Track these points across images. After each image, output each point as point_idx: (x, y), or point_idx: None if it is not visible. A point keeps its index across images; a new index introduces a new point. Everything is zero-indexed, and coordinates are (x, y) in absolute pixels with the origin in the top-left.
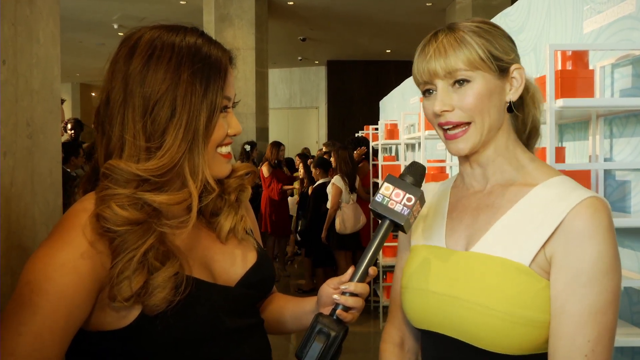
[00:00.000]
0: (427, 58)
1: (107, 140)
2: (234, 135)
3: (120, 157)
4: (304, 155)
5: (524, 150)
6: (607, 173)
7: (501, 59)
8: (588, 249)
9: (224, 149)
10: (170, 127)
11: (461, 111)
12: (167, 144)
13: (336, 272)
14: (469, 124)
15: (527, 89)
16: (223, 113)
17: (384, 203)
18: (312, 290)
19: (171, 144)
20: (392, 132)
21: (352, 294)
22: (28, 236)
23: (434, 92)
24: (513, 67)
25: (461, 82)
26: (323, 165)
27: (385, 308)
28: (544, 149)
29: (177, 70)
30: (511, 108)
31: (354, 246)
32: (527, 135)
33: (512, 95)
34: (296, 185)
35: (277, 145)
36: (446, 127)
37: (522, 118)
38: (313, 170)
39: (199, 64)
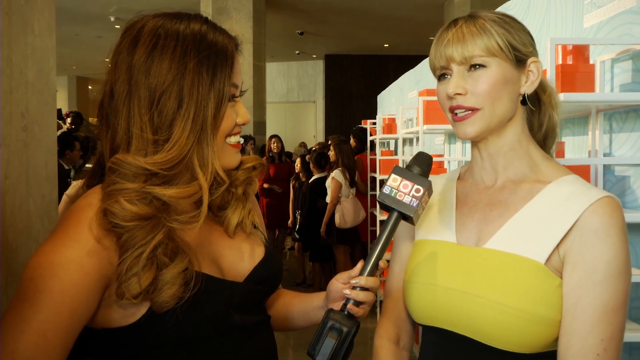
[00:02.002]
0: (444, 43)
1: (112, 133)
2: (243, 124)
3: (127, 151)
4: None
5: (537, 147)
6: (607, 168)
7: (519, 49)
8: (604, 248)
9: (233, 139)
10: (178, 119)
11: (473, 96)
12: (175, 136)
13: (334, 266)
14: (478, 110)
15: (543, 88)
16: (231, 102)
17: (392, 195)
18: (304, 283)
19: (179, 136)
20: (390, 126)
21: (363, 288)
22: (22, 230)
23: (449, 76)
24: (530, 59)
25: (477, 66)
26: (318, 160)
27: None
28: None
29: (183, 60)
30: (525, 101)
31: (353, 241)
32: (543, 134)
33: (528, 87)
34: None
35: (270, 138)
36: (457, 111)
37: (538, 117)
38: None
39: (205, 52)
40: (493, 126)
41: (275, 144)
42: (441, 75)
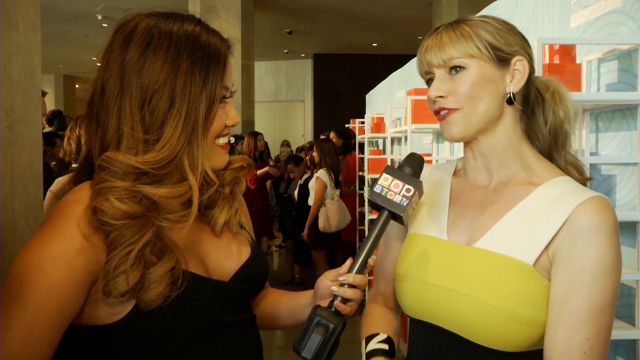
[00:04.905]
0: (424, 49)
1: (102, 131)
2: (232, 125)
3: (117, 149)
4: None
5: (531, 148)
6: (593, 167)
7: (501, 49)
8: (592, 247)
9: (222, 140)
10: (169, 119)
11: (454, 97)
12: (166, 135)
13: (315, 271)
14: (457, 109)
15: (547, 86)
16: (222, 103)
17: (383, 194)
18: (292, 282)
19: (170, 136)
20: (379, 125)
21: (351, 286)
22: (7, 229)
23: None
24: (515, 58)
25: (457, 69)
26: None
27: None
28: None
29: (176, 60)
30: (511, 100)
31: (335, 245)
32: (551, 132)
33: (514, 86)
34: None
35: (254, 135)
36: (441, 112)
37: (542, 114)
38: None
39: (199, 53)
40: (477, 125)
41: (261, 142)
42: (428, 81)
